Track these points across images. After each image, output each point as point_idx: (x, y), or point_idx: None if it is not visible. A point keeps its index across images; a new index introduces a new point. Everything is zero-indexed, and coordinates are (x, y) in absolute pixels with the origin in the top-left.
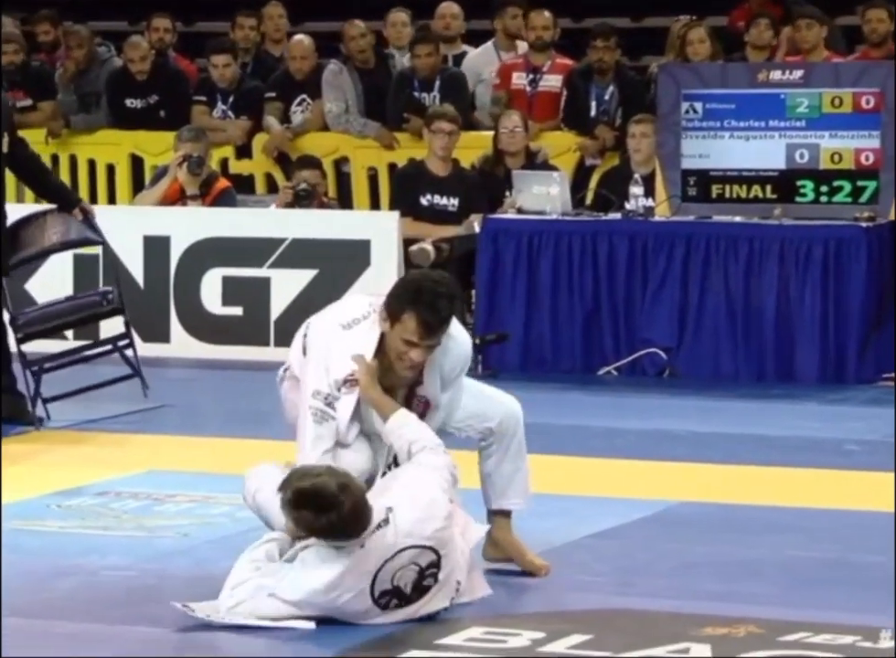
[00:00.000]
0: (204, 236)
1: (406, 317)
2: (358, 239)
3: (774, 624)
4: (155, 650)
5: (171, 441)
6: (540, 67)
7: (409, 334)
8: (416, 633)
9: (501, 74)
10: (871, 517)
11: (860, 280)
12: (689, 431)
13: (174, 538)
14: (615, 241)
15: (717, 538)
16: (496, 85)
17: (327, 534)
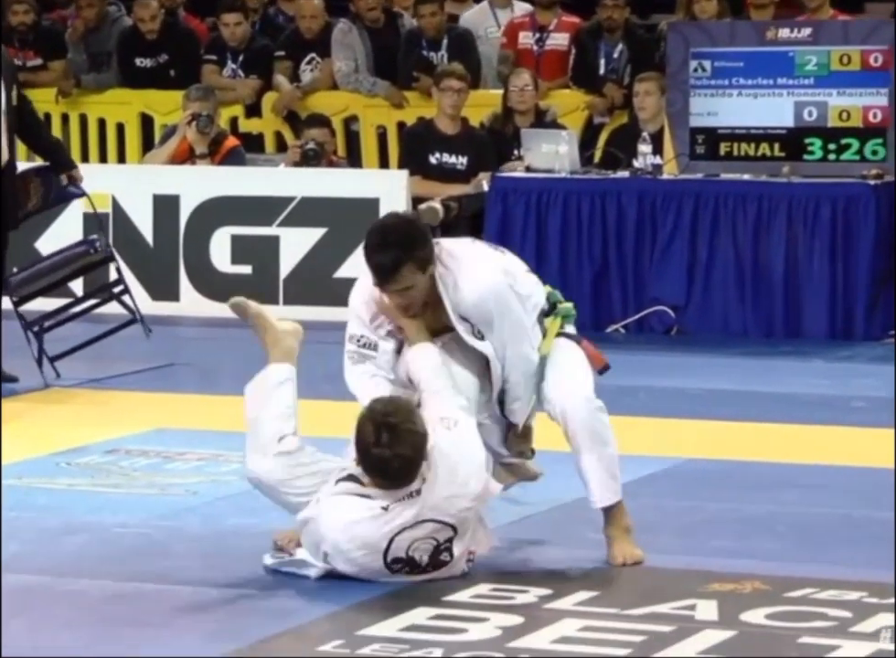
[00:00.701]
0: (213, 195)
1: (368, 264)
2: (367, 198)
3: (780, 580)
4: (166, 606)
5: (180, 399)
6: (547, 25)
7: (374, 280)
8: (423, 590)
9: (508, 33)
10: (878, 474)
11: (868, 237)
12: (698, 388)
13: (183, 496)
14: (624, 200)
15: (725, 495)
16: (503, 44)
17: (374, 467)
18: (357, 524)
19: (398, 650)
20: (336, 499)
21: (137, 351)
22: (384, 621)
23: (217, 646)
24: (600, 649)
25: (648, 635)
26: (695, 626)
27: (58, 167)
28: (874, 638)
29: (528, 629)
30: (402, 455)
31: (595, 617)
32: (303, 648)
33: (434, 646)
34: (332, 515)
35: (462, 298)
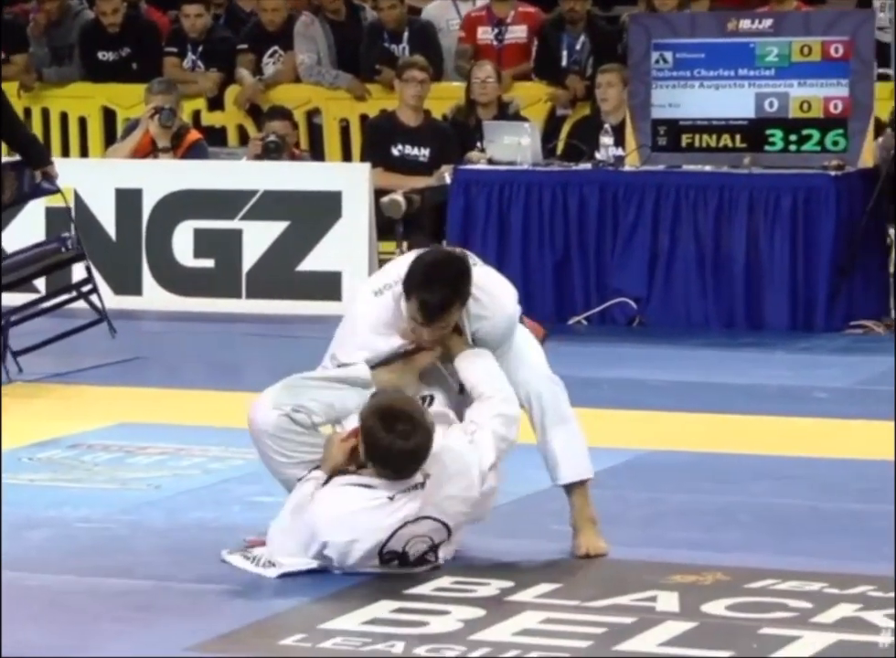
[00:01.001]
0: (176, 188)
1: (412, 299)
2: (330, 191)
3: (742, 572)
4: (128, 601)
5: (143, 393)
6: (504, 18)
7: (415, 315)
8: (385, 583)
9: (466, 27)
10: (841, 465)
11: (829, 228)
12: (659, 380)
13: (146, 490)
14: (586, 191)
15: (687, 486)
16: (462, 38)
17: (382, 456)
18: (359, 514)
19: (360, 643)
20: (335, 490)
21: (100, 346)
22: (346, 615)
23: (179, 641)
24: (561, 641)
25: (609, 627)
26: (656, 618)
27: (33, 163)
28: (834, 628)
29: (490, 621)
30: (416, 444)
31: (556, 609)
32: (265, 642)
33: (396, 639)
34: (331, 509)
35: (483, 327)
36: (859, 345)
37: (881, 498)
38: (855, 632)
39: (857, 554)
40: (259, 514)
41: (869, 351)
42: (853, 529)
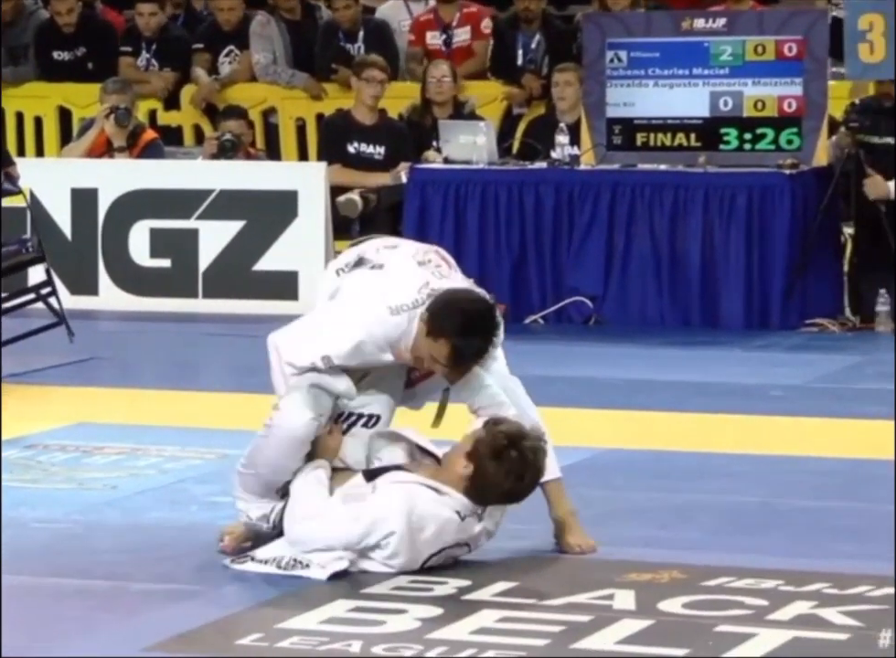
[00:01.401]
0: (131, 188)
1: (443, 342)
2: (286, 190)
3: (698, 569)
4: (85, 601)
5: (99, 394)
6: (450, 22)
7: (439, 356)
8: (343, 582)
9: (415, 30)
10: (797, 462)
11: (784, 226)
12: (616, 378)
13: (102, 490)
14: (541, 190)
15: (644, 485)
16: (412, 41)
17: (485, 487)
18: (432, 518)
19: (317, 642)
20: (410, 487)
21: (57, 346)
22: (303, 614)
23: (137, 641)
24: (518, 639)
25: (566, 625)
26: (613, 615)
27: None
28: (790, 625)
29: (447, 620)
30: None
31: (514, 607)
32: (222, 641)
33: (353, 638)
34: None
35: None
36: (814, 344)
37: (836, 495)
38: (810, 629)
39: (812, 551)
40: (216, 514)
41: (824, 349)
42: (808, 527)
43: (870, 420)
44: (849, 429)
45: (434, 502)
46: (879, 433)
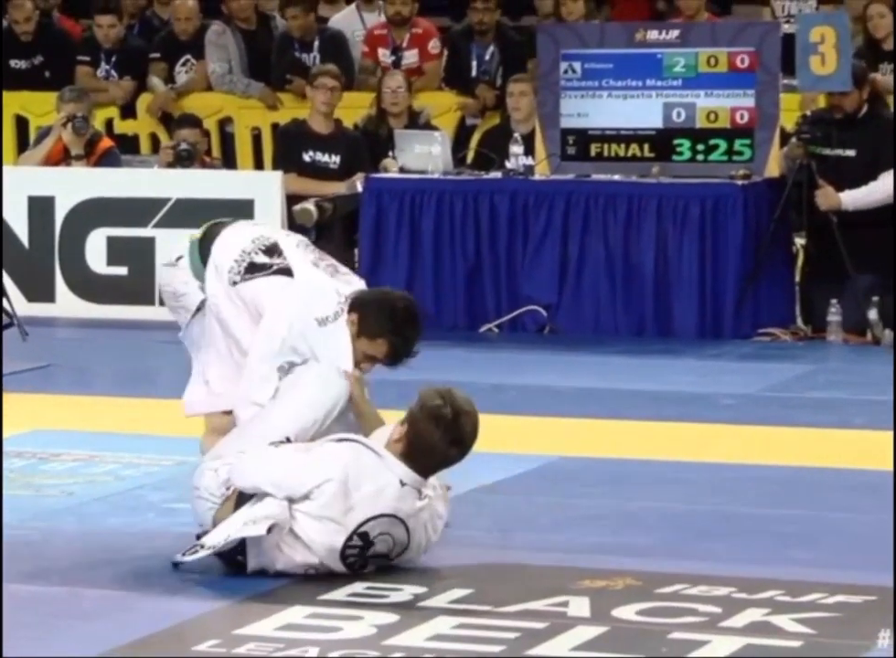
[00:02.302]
0: (88, 196)
1: (381, 341)
2: (242, 199)
3: (652, 576)
4: (41, 607)
5: (57, 401)
6: (400, 44)
7: (378, 353)
8: (299, 588)
9: (368, 43)
10: (748, 470)
11: (736, 236)
12: (570, 387)
13: (59, 496)
14: (496, 200)
15: (597, 492)
16: (365, 53)
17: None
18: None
19: (273, 648)
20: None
21: (13, 352)
22: (260, 621)
23: (92, 646)
24: (474, 646)
25: (521, 632)
26: (567, 622)
27: None
28: (743, 633)
29: (403, 627)
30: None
31: (469, 614)
32: (178, 647)
33: (310, 644)
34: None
35: None
36: (767, 352)
37: (788, 503)
38: (763, 636)
39: (764, 558)
40: (173, 520)
41: (777, 358)
42: (760, 533)
43: (821, 429)
44: (800, 438)
45: (376, 464)
46: (828, 442)
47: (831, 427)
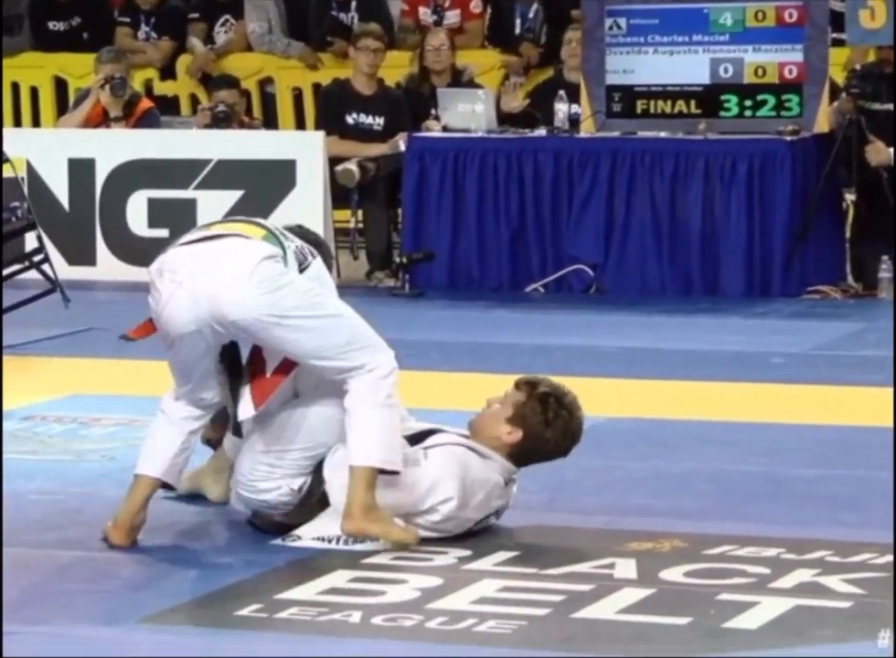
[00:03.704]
0: (128, 158)
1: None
2: (284, 160)
3: (699, 538)
4: (81, 573)
5: (97, 364)
6: (442, 4)
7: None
8: (342, 553)
9: (409, 1)
10: (796, 430)
11: (785, 193)
12: (616, 347)
13: (100, 462)
14: (541, 158)
15: (644, 453)
16: (405, 12)
17: (537, 454)
18: (483, 486)
19: (316, 613)
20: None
21: (53, 316)
22: (302, 585)
23: (133, 612)
24: (519, 609)
25: (567, 595)
26: (614, 585)
27: None
28: (792, 593)
29: (447, 590)
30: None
31: (514, 577)
32: (220, 613)
33: (353, 609)
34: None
35: None
36: (816, 311)
37: (837, 463)
38: (813, 597)
39: (812, 519)
40: None
41: (826, 316)
42: (809, 495)
43: (871, 388)
44: (850, 397)
45: (483, 467)
46: (879, 401)
47: (881, 386)
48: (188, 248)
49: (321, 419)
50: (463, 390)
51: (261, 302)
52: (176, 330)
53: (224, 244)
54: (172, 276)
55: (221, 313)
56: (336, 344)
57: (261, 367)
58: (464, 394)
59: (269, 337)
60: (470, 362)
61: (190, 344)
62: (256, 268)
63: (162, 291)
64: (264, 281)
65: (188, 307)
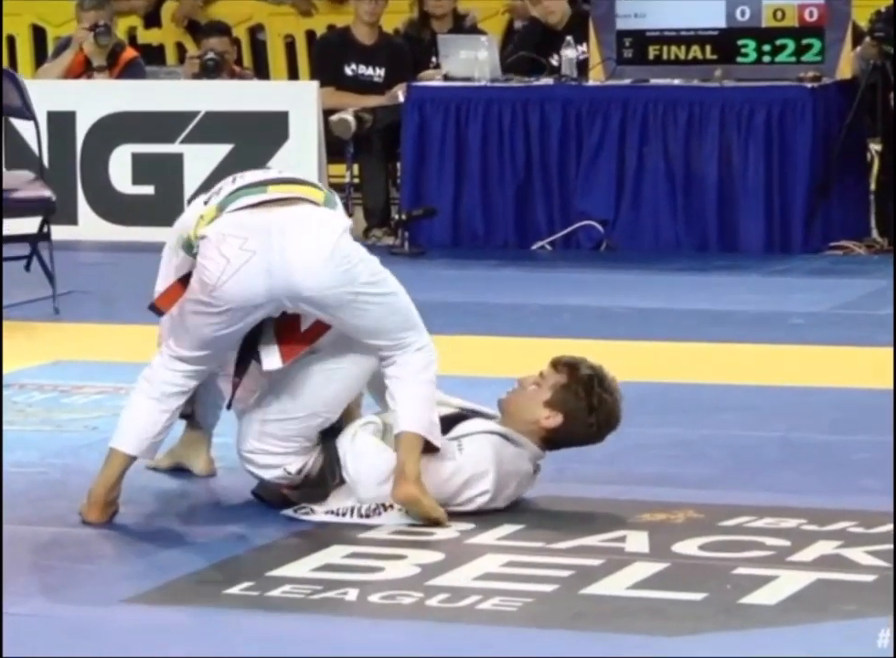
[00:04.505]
0: (111, 110)
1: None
2: (276, 111)
3: (715, 509)
4: (63, 550)
5: (79, 329)
6: None
7: None
8: (337, 528)
9: None
10: (818, 394)
11: (806, 143)
12: (628, 307)
13: (82, 432)
14: (547, 108)
15: (657, 420)
16: None
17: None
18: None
19: (310, 591)
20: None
21: (33, 278)
22: (296, 562)
23: (117, 591)
24: (525, 585)
25: (576, 569)
26: (625, 559)
27: None
28: (813, 567)
29: (449, 566)
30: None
31: (520, 551)
32: (209, 591)
33: (349, 586)
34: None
35: None
36: (839, 267)
37: (860, 429)
38: (835, 571)
39: (835, 488)
40: None
41: (849, 273)
42: (831, 462)
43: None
44: (874, 359)
45: (516, 457)
46: None
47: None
48: (256, 213)
49: (324, 387)
50: (466, 354)
51: (340, 280)
52: (239, 301)
53: (296, 213)
54: (242, 244)
55: (297, 289)
56: (395, 321)
57: (293, 326)
58: (468, 358)
59: (336, 313)
60: (474, 324)
61: (242, 315)
62: (337, 243)
63: (230, 259)
64: (344, 257)
65: (262, 279)
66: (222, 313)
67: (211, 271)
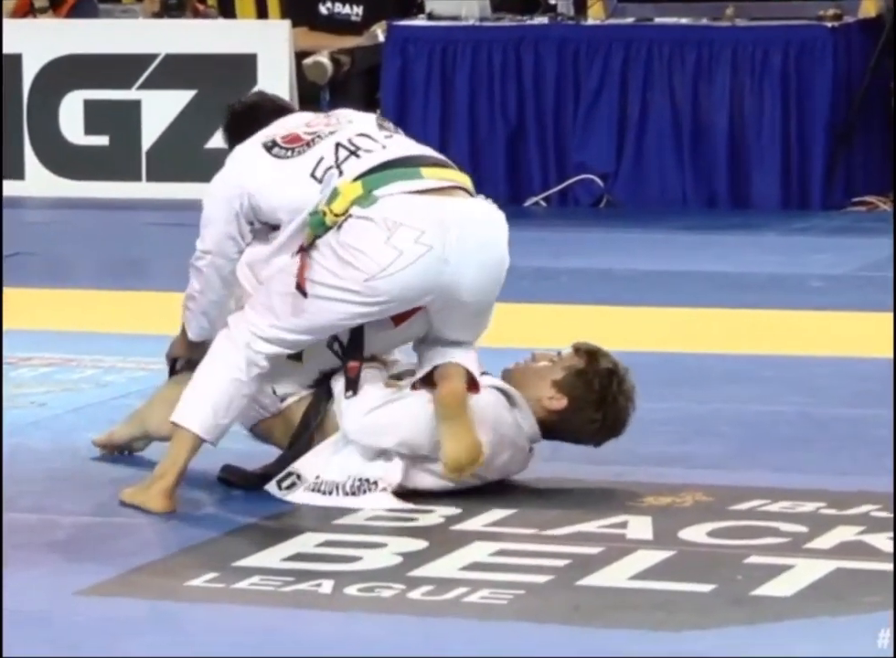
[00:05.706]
0: (61, 53)
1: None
2: (243, 54)
3: (725, 491)
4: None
5: (27, 295)
6: None
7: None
8: (310, 512)
9: None
10: (838, 364)
11: (826, 89)
12: (631, 270)
13: (29, 408)
14: (542, 49)
15: (662, 393)
16: None
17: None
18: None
19: (280, 583)
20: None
21: None
22: (265, 550)
23: (68, 583)
24: (516, 576)
25: (572, 558)
26: (626, 546)
27: None
28: (832, 555)
29: (433, 555)
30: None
31: (510, 539)
32: (169, 583)
33: (323, 577)
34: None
35: None
36: (862, 225)
37: (884, 402)
38: (856, 559)
39: (856, 468)
40: None
41: (873, 232)
42: (852, 439)
43: None
44: None
45: (514, 424)
46: None
47: None
48: (425, 204)
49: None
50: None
51: (497, 290)
52: (400, 296)
53: (468, 209)
54: (419, 237)
55: (460, 292)
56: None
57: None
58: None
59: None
60: None
61: (396, 308)
62: (506, 250)
63: (403, 251)
64: (506, 265)
65: (432, 277)
66: (370, 304)
67: (372, 259)
